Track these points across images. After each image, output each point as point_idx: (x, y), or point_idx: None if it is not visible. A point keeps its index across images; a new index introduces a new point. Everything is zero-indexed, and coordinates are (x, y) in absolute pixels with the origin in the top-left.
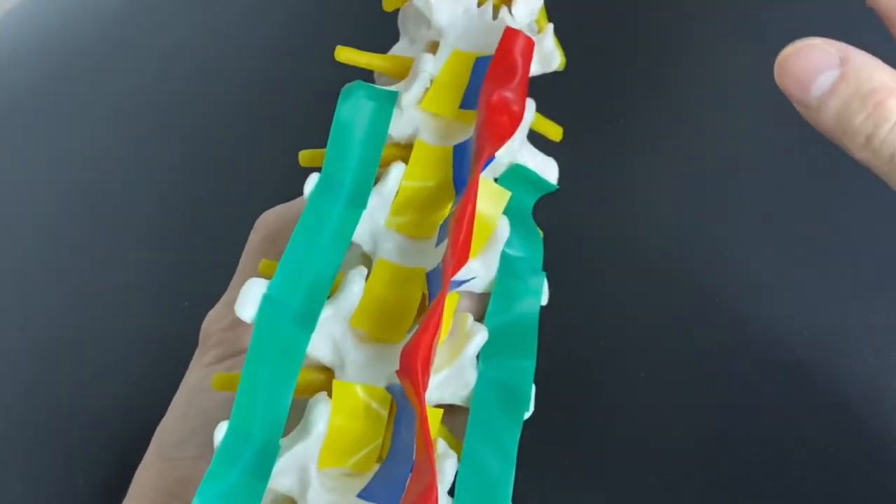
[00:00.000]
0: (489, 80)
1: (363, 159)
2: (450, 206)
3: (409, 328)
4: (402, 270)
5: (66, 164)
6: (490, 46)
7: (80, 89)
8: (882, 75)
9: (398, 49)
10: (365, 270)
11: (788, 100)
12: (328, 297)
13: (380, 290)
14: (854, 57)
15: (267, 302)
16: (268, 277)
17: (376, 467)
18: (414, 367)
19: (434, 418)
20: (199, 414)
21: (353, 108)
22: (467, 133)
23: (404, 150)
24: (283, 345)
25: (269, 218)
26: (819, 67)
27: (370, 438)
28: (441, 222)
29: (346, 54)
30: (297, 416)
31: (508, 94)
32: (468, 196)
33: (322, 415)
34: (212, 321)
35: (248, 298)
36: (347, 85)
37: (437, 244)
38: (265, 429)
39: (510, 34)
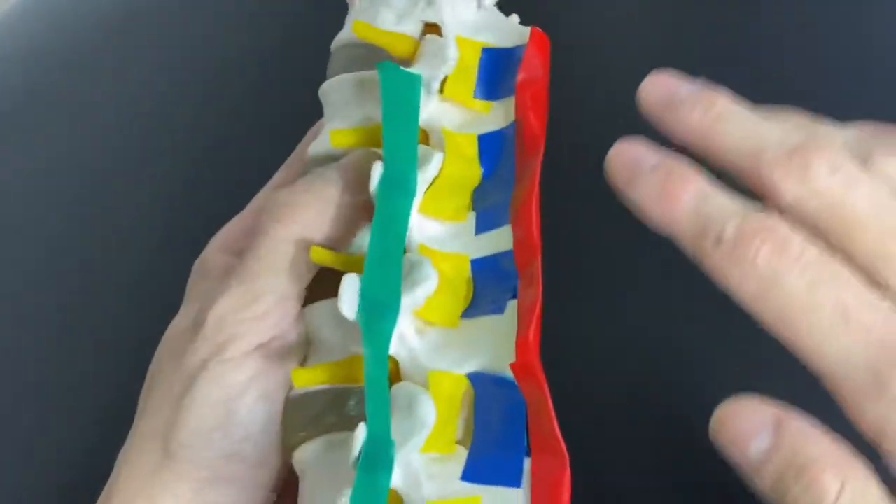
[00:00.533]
0: (524, 81)
1: (409, 146)
2: (472, 191)
3: (460, 313)
4: (446, 257)
5: (65, 163)
6: (488, 35)
7: (77, 88)
8: (818, 446)
9: (384, 23)
10: (430, 261)
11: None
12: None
13: None
14: (788, 423)
15: (364, 299)
16: (321, 263)
17: (458, 449)
18: (535, 366)
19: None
20: (217, 411)
21: (395, 92)
22: (484, 123)
23: (421, 134)
24: (380, 340)
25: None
26: (753, 430)
27: (451, 423)
28: (466, 208)
29: (363, 29)
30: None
31: (542, 94)
32: (532, 191)
33: (431, 410)
34: (228, 311)
35: (349, 296)
36: (382, 65)
37: (478, 233)
38: (383, 427)
39: (538, 36)
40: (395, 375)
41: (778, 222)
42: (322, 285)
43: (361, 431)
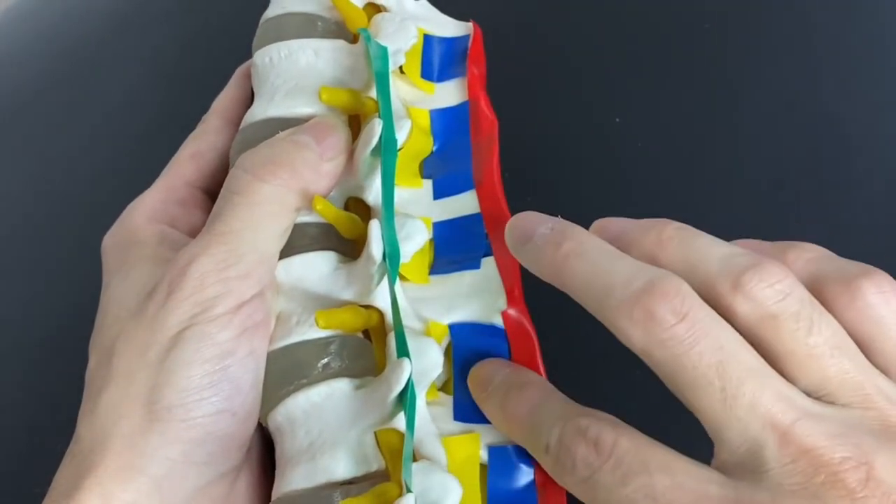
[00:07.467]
0: (474, 68)
1: (389, 110)
2: (422, 161)
3: (427, 271)
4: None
5: (63, 162)
6: (425, 25)
7: (75, 88)
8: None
9: None
10: (417, 217)
11: None
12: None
13: None
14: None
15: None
16: (321, 213)
17: (440, 395)
18: (524, 312)
19: None
20: (208, 368)
21: (376, 59)
22: (430, 101)
23: (374, 103)
24: (392, 287)
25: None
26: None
27: None
28: (418, 175)
29: None
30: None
31: (484, 80)
32: (493, 163)
33: (439, 354)
34: (210, 270)
35: (377, 240)
36: (363, 31)
37: (437, 198)
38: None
39: (477, 30)
40: (380, 327)
41: (591, 422)
42: None
43: (408, 366)
